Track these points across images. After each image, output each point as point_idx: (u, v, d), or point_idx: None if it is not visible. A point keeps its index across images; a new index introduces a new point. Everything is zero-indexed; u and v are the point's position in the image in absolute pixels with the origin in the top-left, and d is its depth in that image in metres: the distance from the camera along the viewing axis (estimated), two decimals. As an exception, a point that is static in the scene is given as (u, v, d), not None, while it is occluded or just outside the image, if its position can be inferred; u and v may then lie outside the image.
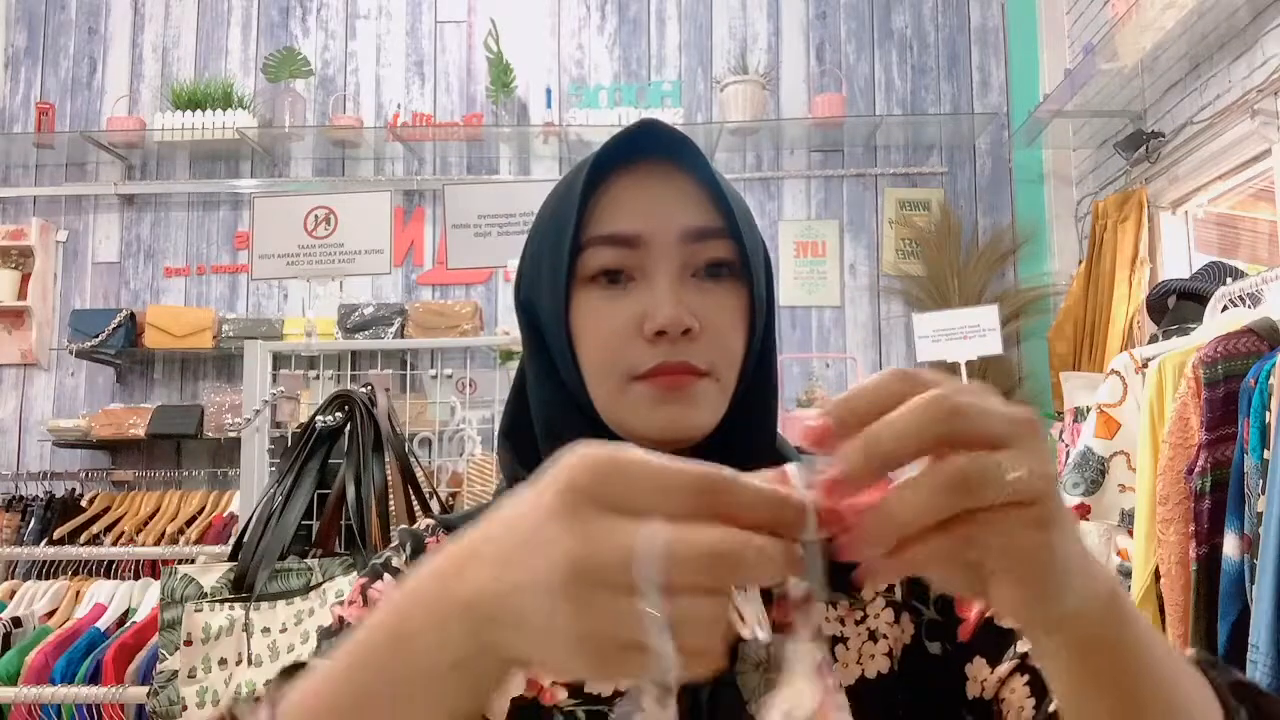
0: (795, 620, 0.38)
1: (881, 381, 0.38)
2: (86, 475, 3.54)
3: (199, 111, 3.75)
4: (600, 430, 0.64)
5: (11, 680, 2.40)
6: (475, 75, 3.95)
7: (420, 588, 0.41)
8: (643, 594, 0.34)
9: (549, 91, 3.83)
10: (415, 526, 0.73)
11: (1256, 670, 1.55)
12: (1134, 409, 2.14)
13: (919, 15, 3.92)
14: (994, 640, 0.64)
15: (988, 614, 0.65)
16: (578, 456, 0.36)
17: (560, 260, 0.64)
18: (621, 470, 0.36)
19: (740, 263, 0.65)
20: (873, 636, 0.66)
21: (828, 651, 0.39)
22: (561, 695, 0.63)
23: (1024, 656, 0.62)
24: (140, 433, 3.51)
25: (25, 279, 3.84)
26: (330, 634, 0.66)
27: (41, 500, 3.43)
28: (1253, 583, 1.61)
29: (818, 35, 3.93)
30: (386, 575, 0.68)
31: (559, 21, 3.98)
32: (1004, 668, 0.63)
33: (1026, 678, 0.61)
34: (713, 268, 0.65)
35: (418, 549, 0.70)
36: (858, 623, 0.67)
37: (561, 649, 0.36)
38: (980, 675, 0.65)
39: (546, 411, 0.68)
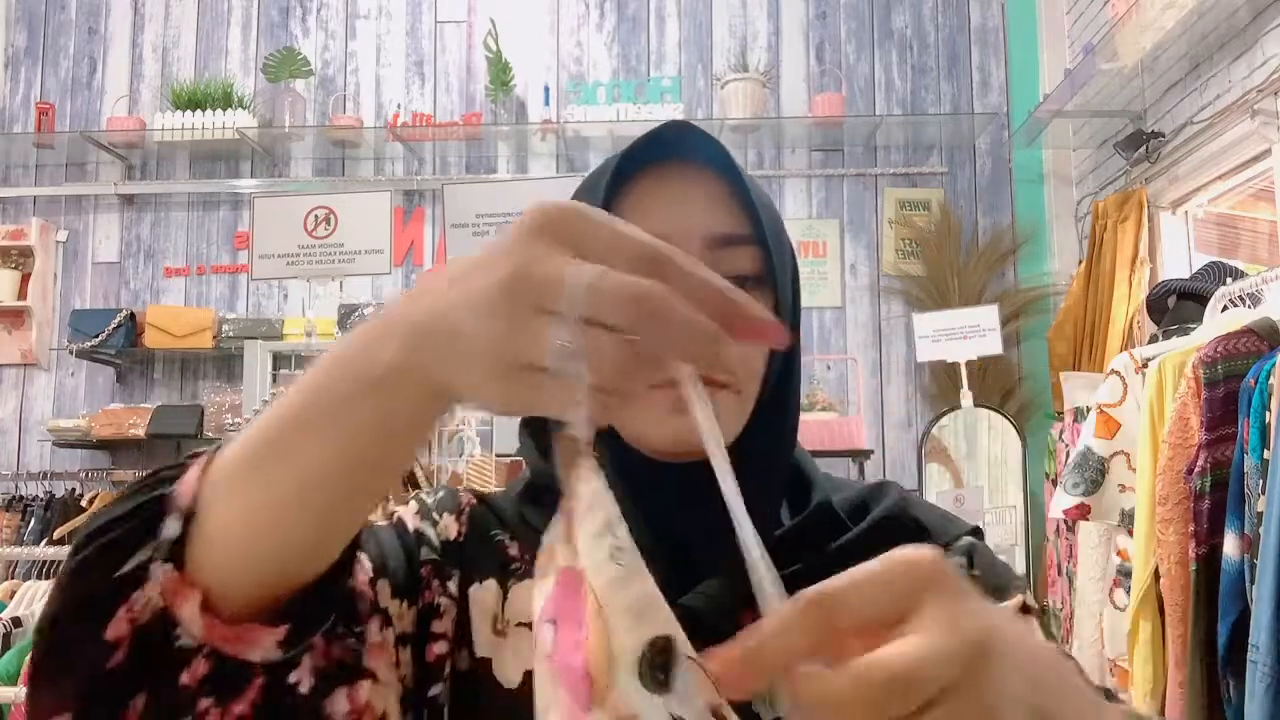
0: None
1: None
2: (86, 475, 3.54)
3: (199, 111, 3.75)
4: (614, 434, 0.62)
5: (11, 680, 2.40)
6: (475, 75, 3.95)
7: (380, 314, 0.42)
8: (562, 320, 0.34)
9: (547, 89, 3.83)
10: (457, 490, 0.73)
11: (1256, 670, 1.55)
12: (1134, 409, 2.14)
13: (919, 15, 3.92)
14: None
15: None
16: (549, 201, 0.38)
17: None
18: (583, 216, 0.37)
19: (766, 271, 0.62)
20: None
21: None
22: None
23: None
24: (140, 433, 3.51)
25: (25, 279, 3.84)
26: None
27: (41, 500, 3.43)
28: (1253, 583, 1.61)
29: (818, 35, 3.93)
30: (413, 504, 0.69)
31: (558, 19, 3.98)
32: None
33: None
34: (735, 281, 0.63)
35: (451, 502, 0.70)
36: None
37: (480, 366, 0.37)
38: None
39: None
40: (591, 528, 0.36)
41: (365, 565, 0.56)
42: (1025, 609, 0.64)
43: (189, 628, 0.43)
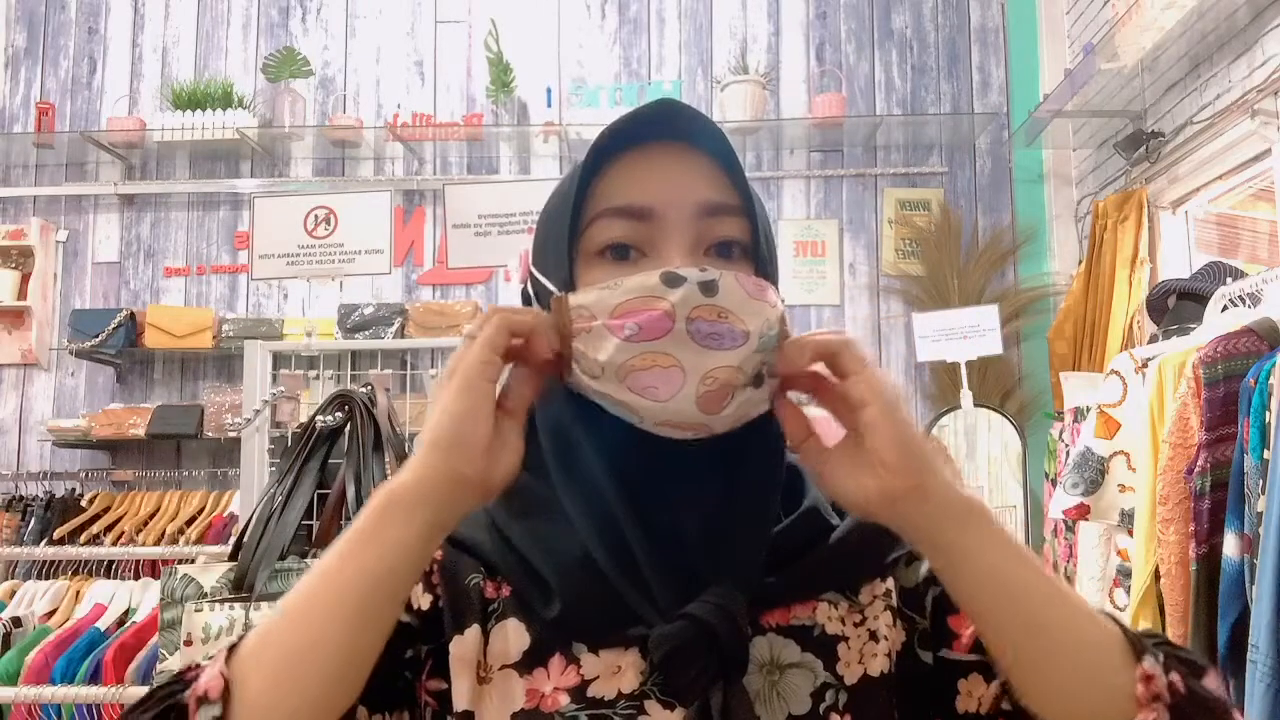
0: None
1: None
2: (86, 475, 3.54)
3: (199, 111, 3.75)
4: (603, 413, 0.61)
5: (11, 680, 2.40)
6: (475, 75, 3.95)
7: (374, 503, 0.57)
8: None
9: (549, 91, 3.83)
10: None
11: (1256, 670, 1.55)
12: (1134, 409, 2.14)
13: (919, 15, 3.92)
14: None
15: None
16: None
17: (563, 232, 0.62)
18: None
19: (752, 242, 0.63)
20: (874, 637, 0.66)
21: None
22: (564, 701, 0.61)
23: None
24: (140, 433, 3.51)
25: (25, 279, 3.84)
26: None
27: (41, 500, 3.43)
28: (1253, 583, 1.61)
29: (818, 35, 3.93)
30: None
31: (559, 21, 3.98)
32: (998, 683, 0.64)
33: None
34: (723, 246, 0.63)
35: None
36: (857, 624, 0.66)
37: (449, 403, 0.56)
38: (976, 691, 0.65)
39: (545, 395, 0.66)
40: None
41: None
42: None
43: None
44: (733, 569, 0.61)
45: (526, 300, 0.68)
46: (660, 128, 0.63)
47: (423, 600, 0.65)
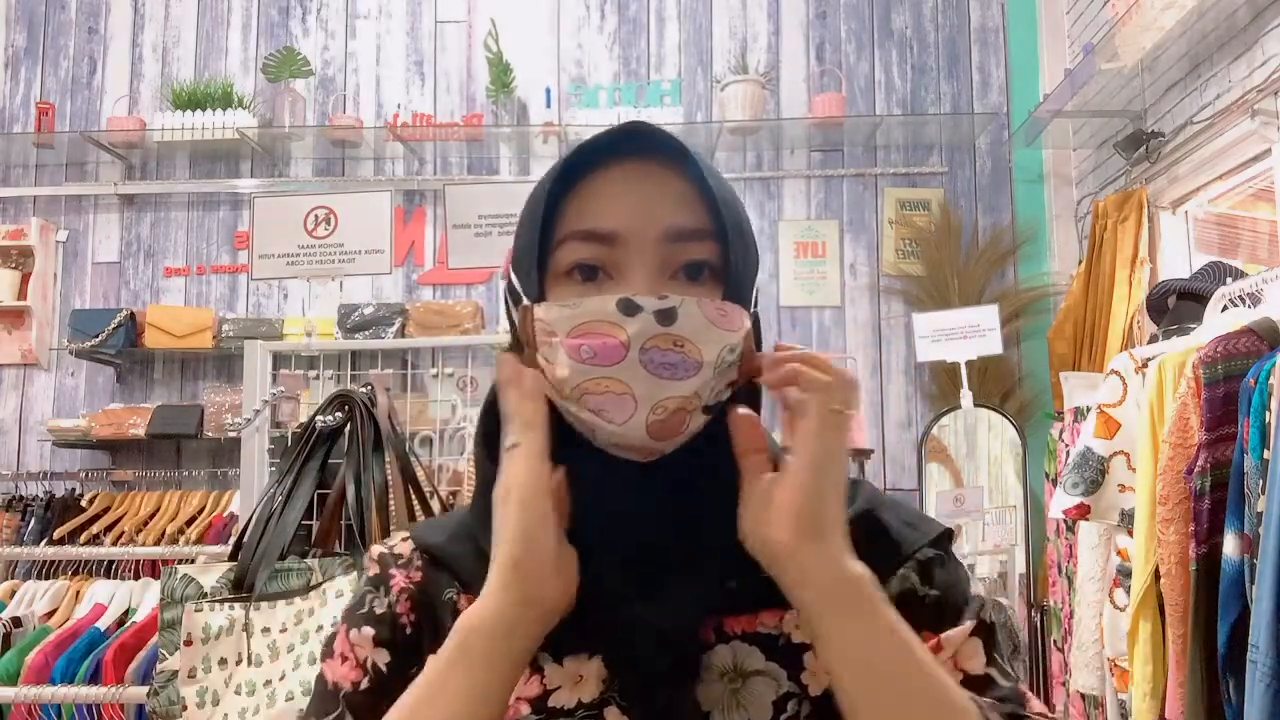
0: None
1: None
2: (86, 475, 3.54)
3: (199, 111, 3.75)
4: (573, 432, 0.62)
5: (11, 680, 2.40)
6: (475, 75, 3.95)
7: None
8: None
9: (549, 91, 3.83)
10: (389, 550, 0.72)
11: (1256, 670, 1.55)
12: (1134, 409, 2.14)
13: (919, 15, 3.92)
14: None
15: (943, 653, 0.63)
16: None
17: (532, 247, 0.63)
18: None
19: (722, 263, 0.62)
20: None
21: None
22: (524, 711, 0.62)
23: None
24: (140, 433, 3.51)
25: (25, 279, 3.84)
26: (326, 695, 0.67)
27: (41, 500, 3.43)
28: (1253, 583, 1.61)
29: (818, 35, 3.93)
30: (366, 627, 0.68)
31: (558, 21, 3.98)
32: None
33: None
34: (692, 268, 0.62)
35: (383, 580, 0.70)
36: None
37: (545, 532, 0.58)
38: None
39: None
40: None
41: None
42: (981, 627, 0.64)
43: None
44: (697, 575, 0.61)
45: (511, 294, 0.69)
46: (633, 147, 0.63)
47: (402, 623, 0.68)
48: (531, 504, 0.57)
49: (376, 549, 0.72)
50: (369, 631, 0.67)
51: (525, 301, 0.63)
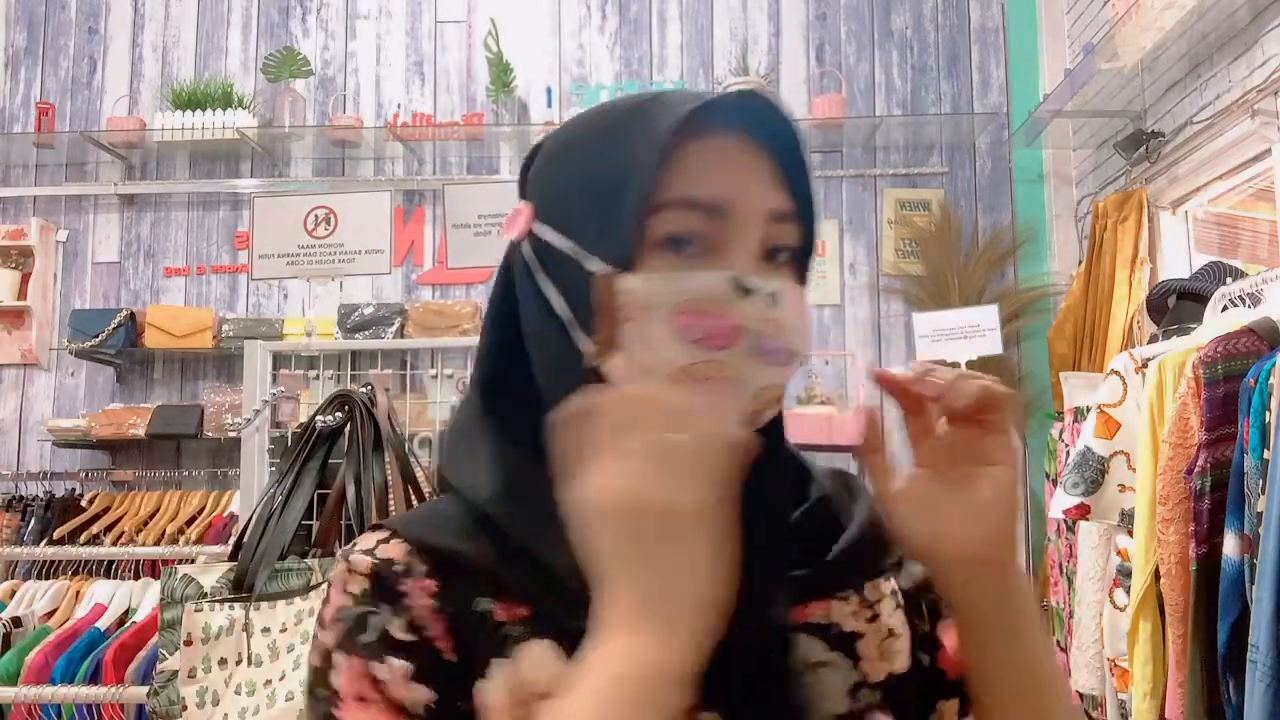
0: None
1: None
2: (86, 475, 3.54)
3: (199, 111, 3.75)
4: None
5: (11, 680, 2.40)
6: (475, 75, 3.95)
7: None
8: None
9: (549, 91, 3.83)
10: (380, 558, 0.59)
11: (1256, 670, 1.55)
12: (1134, 409, 2.14)
13: (919, 15, 3.92)
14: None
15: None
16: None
17: (629, 209, 0.56)
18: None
19: (801, 250, 0.61)
20: (891, 633, 0.65)
21: None
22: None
23: None
24: (140, 433, 3.51)
25: (25, 279, 3.84)
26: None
27: (41, 500, 3.43)
28: (1253, 583, 1.61)
29: (818, 36, 3.93)
30: (392, 659, 0.55)
31: (559, 21, 3.98)
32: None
33: None
34: (774, 251, 0.59)
35: (389, 596, 0.57)
36: (869, 620, 0.64)
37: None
38: (948, 716, 0.66)
39: (556, 374, 0.59)
40: None
41: None
42: None
43: None
44: (777, 566, 0.59)
45: (512, 256, 0.62)
46: (742, 120, 0.59)
47: (438, 648, 0.57)
48: (724, 530, 0.50)
49: (359, 557, 0.59)
50: (399, 665, 0.55)
51: (601, 267, 0.56)
